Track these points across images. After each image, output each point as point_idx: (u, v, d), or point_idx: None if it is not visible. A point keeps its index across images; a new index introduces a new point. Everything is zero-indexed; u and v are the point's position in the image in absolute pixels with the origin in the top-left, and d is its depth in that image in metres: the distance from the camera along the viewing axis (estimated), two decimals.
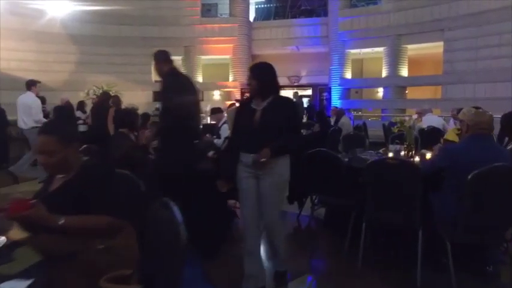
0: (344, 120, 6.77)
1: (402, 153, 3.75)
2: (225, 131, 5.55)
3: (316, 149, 3.09)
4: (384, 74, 13.32)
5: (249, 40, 15.13)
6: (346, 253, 3.02)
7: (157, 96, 14.86)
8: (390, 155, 3.57)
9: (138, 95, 14.53)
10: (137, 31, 14.30)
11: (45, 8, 12.84)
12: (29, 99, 5.95)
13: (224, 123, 5.62)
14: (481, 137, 2.40)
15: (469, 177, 2.16)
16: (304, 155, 3.21)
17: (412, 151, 3.57)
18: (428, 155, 3.43)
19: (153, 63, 3.28)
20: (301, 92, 20.43)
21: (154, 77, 15.97)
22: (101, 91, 9.59)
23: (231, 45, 14.81)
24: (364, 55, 15.07)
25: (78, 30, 13.66)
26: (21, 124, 6.02)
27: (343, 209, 3.09)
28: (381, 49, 13.36)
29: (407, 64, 12.97)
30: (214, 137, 5.64)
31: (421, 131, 3.84)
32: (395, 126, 4.06)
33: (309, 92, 19.00)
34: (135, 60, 14.43)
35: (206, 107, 11.74)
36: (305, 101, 20.07)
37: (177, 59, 15.32)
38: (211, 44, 14.83)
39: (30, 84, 6.06)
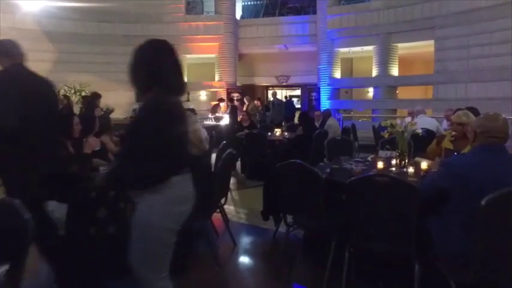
0: (331, 122, 6.24)
1: (394, 161, 3.21)
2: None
3: (289, 160, 2.51)
4: (374, 73, 12.84)
5: (235, 38, 14.53)
6: (326, 283, 2.48)
7: None
8: (380, 164, 3.03)
9: (120, 95, 13.81)
10: (118, 29, 13.61)
11: (17, 2, 12.07)
12: None
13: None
14: (494, 148, 1.86)
15: (483, 202, 1.62)
16: (277, 167, 2.65)
17: (404, 159, 3.04)
18: (424, 164, 2.90)
19: None
20: (290, 92, 20.03)
21: None
22: (72, 91, 8.96)
23: (217, 43, 14.20)
24: (354, 54, 14.59)
25: (55, 27, 12.92)
26: None
27: (322, 233, 2.54)
28: (370, 48, 12.88)
29: (397, 63, 12.50)
30: None
31: (415, 135, 3.28)
32: (385, 131, 3.52)
33: (298, 92, 18.52)
34: (117, 59, 13.66)
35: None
36: (295, 100, 19.70)
37: None
38: (196, 42, 14.19)
39: None
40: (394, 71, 12.47)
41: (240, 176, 6.31)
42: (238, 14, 15.65)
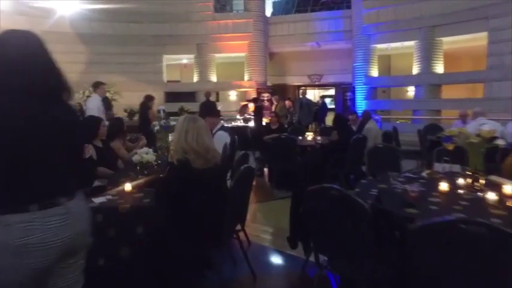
0: (370, 125, 5.44)
1: (461, 180, 2.44)
2: (220, 141, 4.43)
3: (322, 184, 1.84)
4: (416, 70, 11.73)
5: (265, 36, 13.91)
6: None
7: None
8: (444, 186, 2.28)
9: None
10: (147, 29, 13.43)
11: (53, 7, 12.16)
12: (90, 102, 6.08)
13: (221, 129, 4.49)
14: None
15: None
16: (307, 192, 1.99)
17: (479, 180, 2.26)
18: (510, 188, 2.12)
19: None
20: (323, 92, 19.13)
21: (168, 76, 15.18)
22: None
23: (246, 42, 13.65)
24: (392, 50, 13.47)
25: (87, 29, 12.94)
26: None
27: (367, 282, 1.85)
28: (411, 43, 11.78)
29: (442, 59, 11.31)
30: None
31: (493, 148, 2.48)
32: (449, 142, 2.73)
33: (332, 92, 17.58)
34: (146, 59, 13.59)
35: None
36: (328, 101, 18.77)
37: (190, 58, 14.40)
38: (225, 41, 13.73)
39: (95, 87, 6.17)
40: (438, 67, 11.29)
41: (267, 185, 5.68)
42: (269, 11, 15.03)
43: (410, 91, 14.00)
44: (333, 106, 17.08)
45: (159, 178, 2.41)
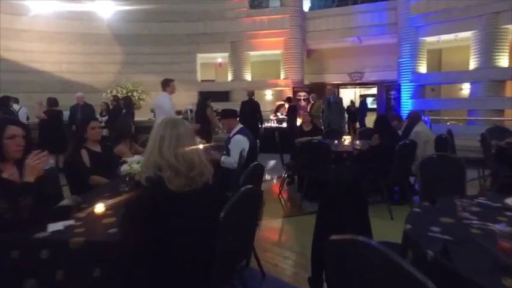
0: (420, 128, 4.50)
1: None
2: (237, 145, 3.79)
3: (352, 237, 1.09)
4: (473, 65, 10.31)
5: (302, 32, 13.08)
6: None
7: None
8: None
9: (182, 96, 13.38)
10: (181, 28, 13.17)
11: (91, 9, 12.27)
12: (161, 101, 5.68)
13: (239, 132, 3.85)
14: None
15: None
16: (330, 241, 1.26)
17: None
18: None
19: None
20: (364, 91, 17.86)
21: (202, 76, 14.87)
22: (124, 91, 8.53)
23: (282, 38, 12.92)
24: (443, 44, 12.06)
25: (123, 30, 12.94)
26: None
27: None
28: (468, 34, 10.38)
29: (508, 51, 9.81)
30: (224, 152, 3.91)
31: None
32: None
33: (374, 90, 16.29)
34: (180, 58, 13.34)
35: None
36: (369, 101, 17.48)
37: (224, 56, 13.95)
38: (260, 38, 13.10)
39: (164, 85, 5.83)
40: (502, 61, 9.82)
41: (296, 196, 4.95)
42: (306, 5, 14.18)
43: (465, 89, 12.48)
44: (375, 106, 15.84)
45: (128, 200, 1.80)
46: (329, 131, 6.37)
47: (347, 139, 5.21)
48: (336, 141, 5.28)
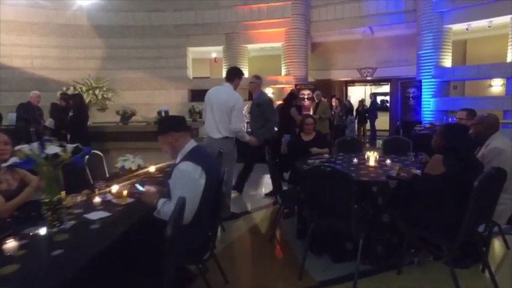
0: (501, 143, 2.70)
1: None
2: (181, 182, 2.05)
3: None
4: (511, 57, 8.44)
5: (306, 22, 11.27)
6: None
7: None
8: None
9: (172, 95, 11.71)
10: (169, 18, 11.45)
11: None
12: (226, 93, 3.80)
13: (187, 158, 2.13)
14: None
15: None
16: None
17: None
18: None
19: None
20: (375, 89, 15.98)
21: (196, 72, 13.12)
22: (84, 88, 6.83)
23: (283, 29, 11.12)
24: (470, 33, 10.16)
25: (103, 21, 11.25)
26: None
27: None
28: (505, 19, 8.49)
29: None
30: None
31: None
32: None
33: (386, 88, 14.42)
34: (168, 52, 11.61)
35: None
36: (379, 100, 15.61)
37: (219, 50, 12.20)
38: (259, 29, 11.31)
39: (235, 75, 3.92)
40: None
41: (295, 245, 3.20)
42: None
43: (496, 85, 10.61)
44: (388, 104, 13.98)
45: None
46: (342, 141, 4.56)
47: (371, 156, 3.43)
48: (354, 160, 3.49)
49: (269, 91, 12.97)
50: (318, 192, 2.51)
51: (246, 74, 11.86)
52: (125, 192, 2.30)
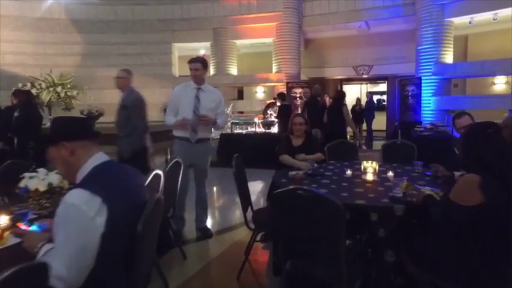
0: None
1: None
2: (65, 222, 1.30)
3: None
4: None
5: (298, 16, 10.52)
6: None
7: None
8: None
9: (156, 94, 10.87)
10: (153, 12, 10.67)
11: None
12: None
13: (82, 185, 1.39)
14: None
15: None
16: None
17: None
18: None
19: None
20: (371, 88, 15.25)
21: (181, 71, 12.35)
22: (44, 85, 6.03)
23: (274, 23, 10.37)
24: (473, 28, 9.45)
25: (83, 15, 10.45)
26: None
27: None
28: (511, 12, 7.79)
29: None
30: None
31: None
32: None
33: (383, 87, 13.70)
34: (152, 49, 10.83)
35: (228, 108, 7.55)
36: (375, 99, 14.86)
37: (206, 47, 11.43)
38: (248, 23, 10.55)
39: None
40: None
41: (271, 284, 2.44)
42: None
43: (499, 83, 9.92)
44: (385, 104, 13.27)
45: None
46: (332, 146, 3.80)
47: (369, 166, 2.68)
48: (348, 172, 2.73)
49: (260, 90, 12.29)
50: (291, 224, 1.75)
51: (235, 71, 11.13)
52: (6, 233, 1.53)
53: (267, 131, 7.13)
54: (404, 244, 1.90)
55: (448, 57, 8.96)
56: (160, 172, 2.37)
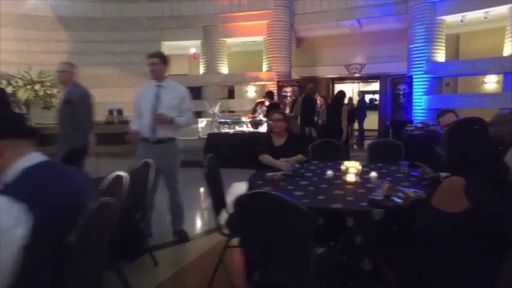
0: None
1: None
2: None
3: None
4: (509, 50, 7.65)
5: (289, 15, 10.37)
6: None
7: None
8: None
9: None
10: (142, 9, 10.46)
11: None
12: None
13: (9, 189, 1.18)
14: None
15: None
16: None
17: None
18: None
19: None
20: (363, 87, 15.15)
21: (173, 70, 12.10)
22: (21, 83, 5.81)
23: (265, 21, 10.21)
24: (464, 27, 9.35)
25: (69, 12, 10.20)
26: None
27: None
28: (502, 10, 7.71)
29: None
30: None
31: None
32: None
33: (376, 86, 13.61)
34: (140, 47, 10.51)
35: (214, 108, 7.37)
36: (367, 98, 14.76)
37: (195, 45, 11.24)
38: (239, 21, 10.38)
39: None
40: None
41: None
42: None
43: (490, 82, 9.85)
44: (377, 103, 13.17)
45: None
46: (316, 146, 3.64)
47: (351, 167, 2.52)
48: (329, 172, 2.57)
49: (252, 89, 12.11)
50: (256, 230, 1.58)
51: (225, 70, 10.96)
52: None
53: (255, 130, 6.97)
54: (383, 251, 1.74)
55: (440, 56, 8.86)
56: (123, 174, 2.19)
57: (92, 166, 4.15)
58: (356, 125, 11.30)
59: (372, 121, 12.06)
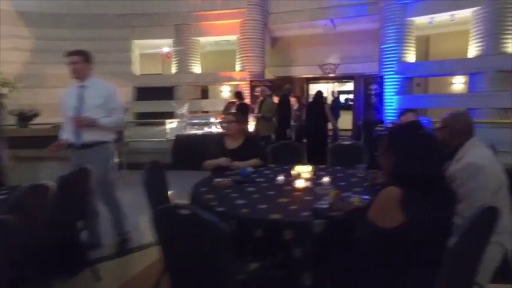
0: (478, 158, 1.74)
1: None
2: None
3: None
4: (473, 52, 7.82)
5: (263, 14, 10.24)
6: None
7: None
8: None
9: None
10: (111, 6, 10.06)
11: None
12: None
13: None
14: None
15: None
16: None
17: None
18: None
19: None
20: (338, 87, 15.24)
21: (143, 69, 11.80)
22: None
23: (238, 20, 10.04)
24: (433, 29, 9.51)
25: (32, 7, 9.70)
26: None
27: None
28: (467, 13, 7.86)
29: None
30: None
31: None
32: None
33: (351, 86, 13.68)
34: (110, 45, 10.20)
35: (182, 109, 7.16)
36: (342, 98, 14.86)
37: (168, 44, 10.93)
38: (212, 20, 10.16)
39: None
40: None
41: None
42: None
43: (457, 83, 10.07)
44: (351, 103, 13.26)
45: None
46: (277, 148, 3.51)
47: (303, 172, 2.40)
48: (280, 177, 2.43)
49: (226, 89, 11.91)
50: (178, 249, 1.42)
51: (198, 69, 10.72)
52: None
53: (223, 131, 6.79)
54: (324, 265, 1.61)
55: (411, 57, 8.96)
56: (49, 183, 1.98)
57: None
58: (330, 125, 11.28)
59: (346, 121, 12.12)
